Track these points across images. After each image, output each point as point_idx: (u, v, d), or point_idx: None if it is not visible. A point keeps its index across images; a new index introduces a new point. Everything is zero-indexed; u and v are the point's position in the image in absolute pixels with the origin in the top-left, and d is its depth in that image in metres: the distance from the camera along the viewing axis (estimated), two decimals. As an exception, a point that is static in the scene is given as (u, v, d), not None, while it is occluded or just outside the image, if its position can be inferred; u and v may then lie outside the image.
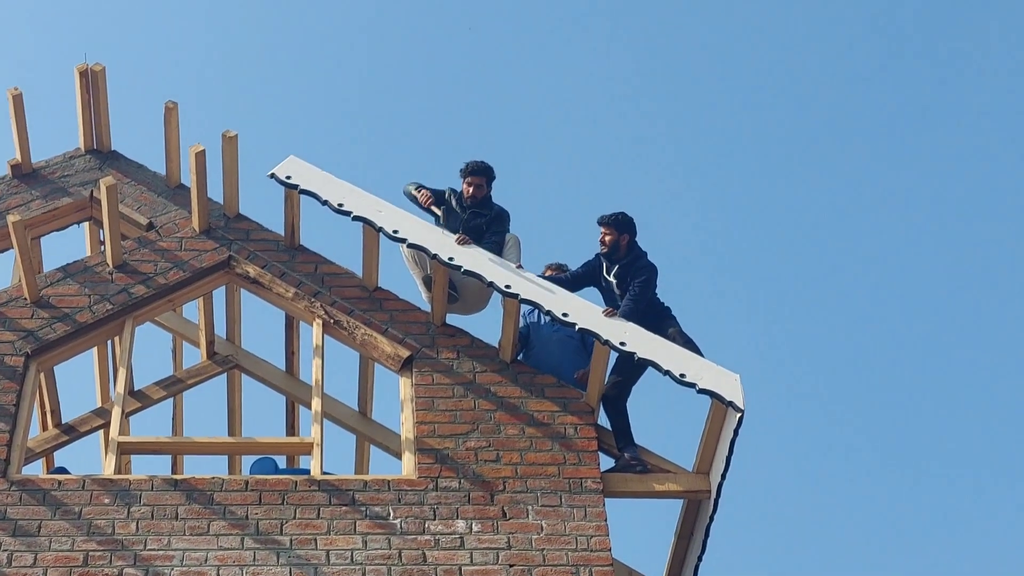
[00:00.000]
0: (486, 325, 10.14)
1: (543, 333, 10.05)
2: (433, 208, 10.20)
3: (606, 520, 8.88)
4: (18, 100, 10.62)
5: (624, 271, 9.91)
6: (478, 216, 10.16)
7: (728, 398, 9.05)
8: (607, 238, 10.05)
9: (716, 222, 31.84)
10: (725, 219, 32.29)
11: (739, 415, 9.00)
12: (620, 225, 10.05)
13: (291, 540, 8.57)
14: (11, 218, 9.67)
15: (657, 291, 9.99)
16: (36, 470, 10.78)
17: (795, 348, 31.40)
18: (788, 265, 32.28)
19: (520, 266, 9.89)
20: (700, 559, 9.52)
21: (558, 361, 9.90)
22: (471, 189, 10.25)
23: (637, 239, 10.14)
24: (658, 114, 33.22)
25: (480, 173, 10.27)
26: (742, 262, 31.83)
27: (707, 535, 9.41)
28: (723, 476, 9.21)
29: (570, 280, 10.06)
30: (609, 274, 10.00)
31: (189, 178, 10.26)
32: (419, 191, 10.27)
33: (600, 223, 10.11)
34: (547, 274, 10.29)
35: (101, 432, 11.09)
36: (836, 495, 30.58)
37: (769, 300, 32.12)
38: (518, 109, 32.42)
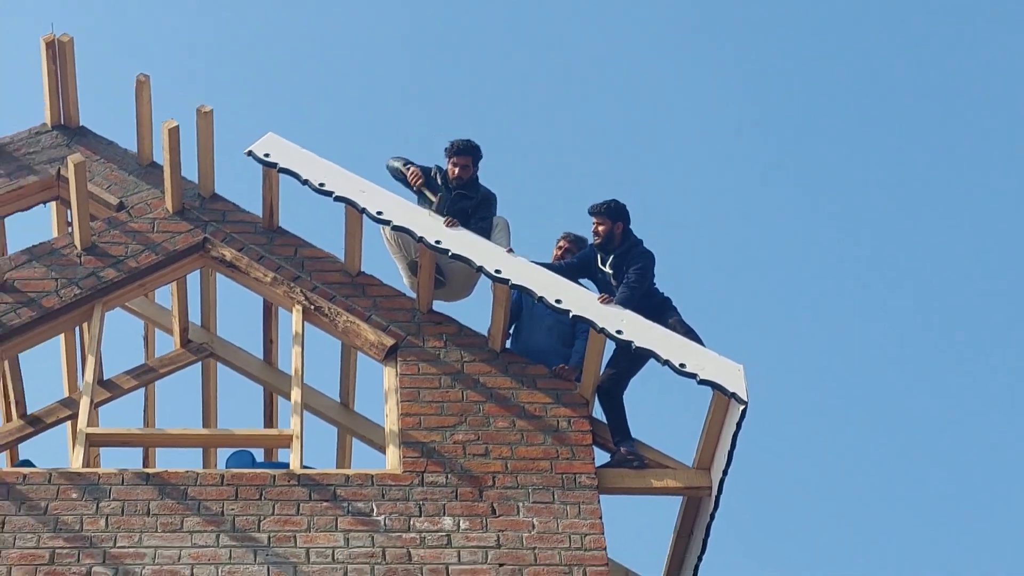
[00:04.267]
0: (474, 312, 10.16)
1: (536, 312, 9.93)
2: (426, 191, 10.13)
3: (601, 518, 8.87)
4: (-19, 74, 10.60)
5: (620, 260, 9.89)
6: (464, 198, 10.09)
7: (731, 389, 9.02)
8: (600, 228, 10.04)
9: (716, 204, 31.92)
10: (725, 201, 32.36)
11: (742, 408, 8.96)
12: (613, 213, 10.02)
13: (269, 537, 8.52)
14: (-29, 198, 9.68)
15: (655, 279, 9.99)
16: (0, 463, 10.78)
17: (802, 336, 31.42)
18: (793, 248, 32.37)
19: (510, 250, 9.86)
20: (700, 559, 9.49)
21: (547, 344, 9.91)
22: (457, 170, 10.15)
23: (631, 227, 10.14)
24: (656, 94, 33.37)
25: (466, 152, 10.18)
26: (744, 246, 31.88)
27: (708, 534, 9.38)
28: (725, 472, 9.19)
29: (565, 269, 10.00)
30: (604, 264, 9.97)
31: (162, 156, 10.24)
32: (407, 167, 10.21)
33: (591, 213, 10.09)
34: (561, 244, 10.42)
35: (68, 423, 11.05)
36: (845, 492, 30.72)
37: (774, 286, 32.17)
38: (509, 85, 32.49)
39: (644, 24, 34.39)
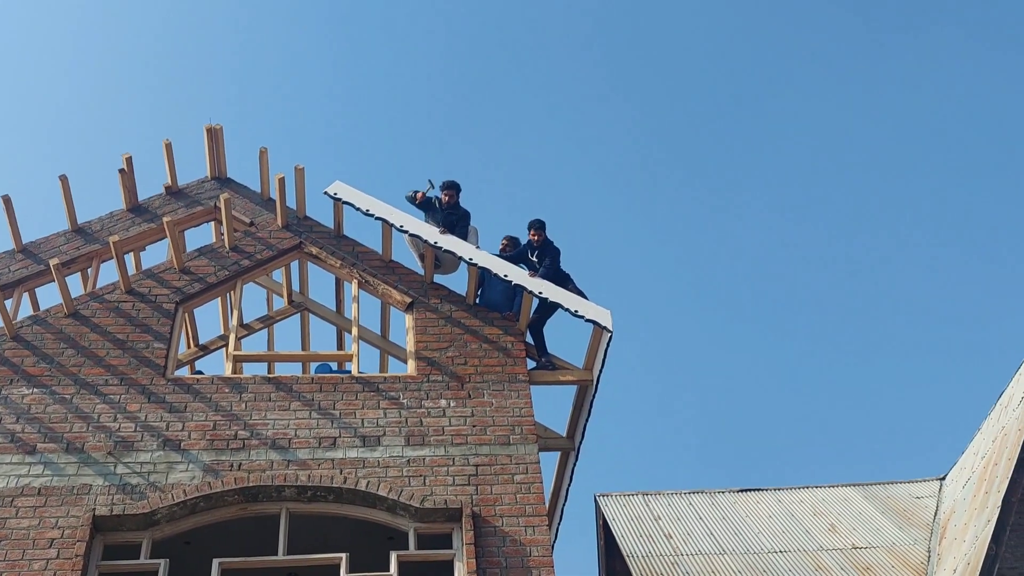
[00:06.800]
0: (458, 282, 10.03)
1: (493, 281, 9.73)
2: (430, 194, 9.95)
3: (531, 398, 8.86)
4: (169, 148, 10.47)
5: (542, 253, 9.83)
6: (451, 215, 9.97)
7: (603, 323, 9.08)
8: (535, 237, 9.85)
9: (592, 224, 32.36)
10: (597, 222, 32.80)
11: (609, 334, 9.06)
12: (541, 227, 9.90)
13: (340, 412, 8.50)
14: (166, 219, 9.58)
15: (561, 262, 9.87)
16: (184, 372, 10.75)
17: (643, 295, 32.04)
18: (638, 246, 32.80)
19: (478, 247, 9.81)
20: (587, 421, 9.53)
21: (500, 300, 9.71)
22: (446, 198, 10.05)
23: (548, 234, 10.02)
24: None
25: (452, 188, 10.08)
26: (610, 245, 32.37)
27: (591, 406, 9.46)
28: (600, 370, 9.29)
29: (510, 258, 9.90)
30: (533, 255, 9.87)
31: (275, 194, 10.20)
32: (416, 194, 10.06)
33: (530, 227, 9.89)
34: (503, 244, 10.20)
35: (224, 349, 10.98)
36: (672, 382, 31.40)
37: (627, 271, 32.72)
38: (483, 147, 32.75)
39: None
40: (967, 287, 33.49)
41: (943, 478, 12.93)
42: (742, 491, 12.94)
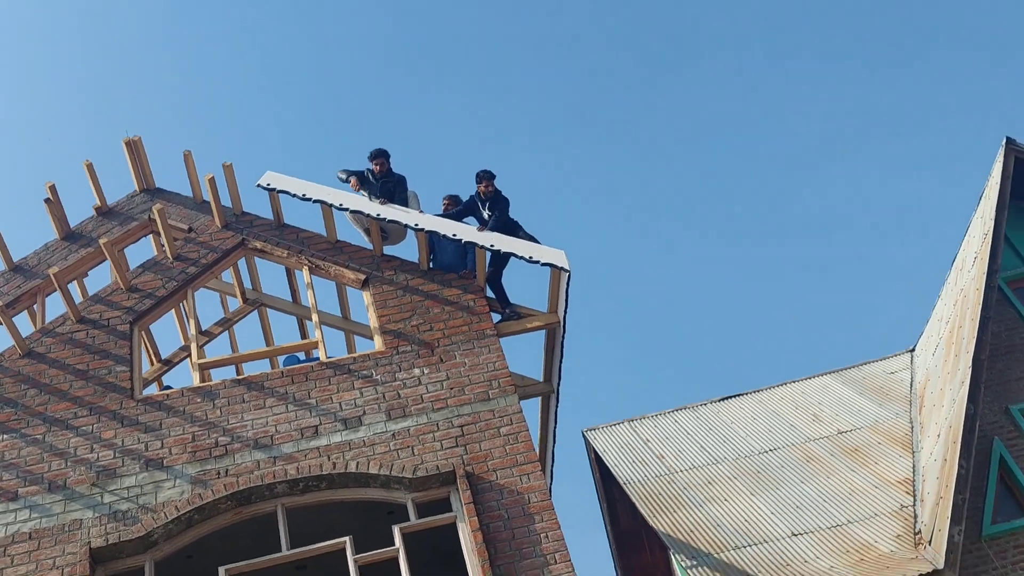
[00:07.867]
0: (408, 250, 10.00)
1: (443, 243, 9.72)
2: (362, 189, 9.83)
3: (502, 351, 8.91)
4: (91, 168, 10.29)
5: (493, 204, 9.79)
6: (387, 183, 9.86)
7: (560, 264, 9.12)
8: (487, 188, 9.77)
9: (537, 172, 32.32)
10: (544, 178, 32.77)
11: (568, 274, 9.12)
12: (491, 177, 9.83)
13: (316, 400, 8.50)
14: (102, 241, 9.47)
15: (510, 211, 9.80)
16: (152, 390, 10.65)
17: (595, 232, 32.21)
18: (579, 199, 32.85)
19: (421, 211, 9.73)
20: (561, 361, 9.65)
21: (453, 260, 9.70)
22: (377, 167, 9.93)
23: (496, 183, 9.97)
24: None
25: (381, 155, 9.94)
26: (560, 191, 32.39)
27: (563, 348, 9.56)
28: (565, 310, 9.36)
29: (456, 213, 9.84)
30: (484, 207, 9.82)
31: (207, 195, 10.05)
32: (349, 178, 9.91)
33: (480, 178, 9.82)
34: (445, 203, 10.13)
35: (187, 359, 10.97)
36: (628, 318, 31.74)
37: (575, 210, 32.77)
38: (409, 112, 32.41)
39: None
40: (904, 160, 33.96)
41: (913, 349, 13.21)
42: (724, 399, 13.13)
